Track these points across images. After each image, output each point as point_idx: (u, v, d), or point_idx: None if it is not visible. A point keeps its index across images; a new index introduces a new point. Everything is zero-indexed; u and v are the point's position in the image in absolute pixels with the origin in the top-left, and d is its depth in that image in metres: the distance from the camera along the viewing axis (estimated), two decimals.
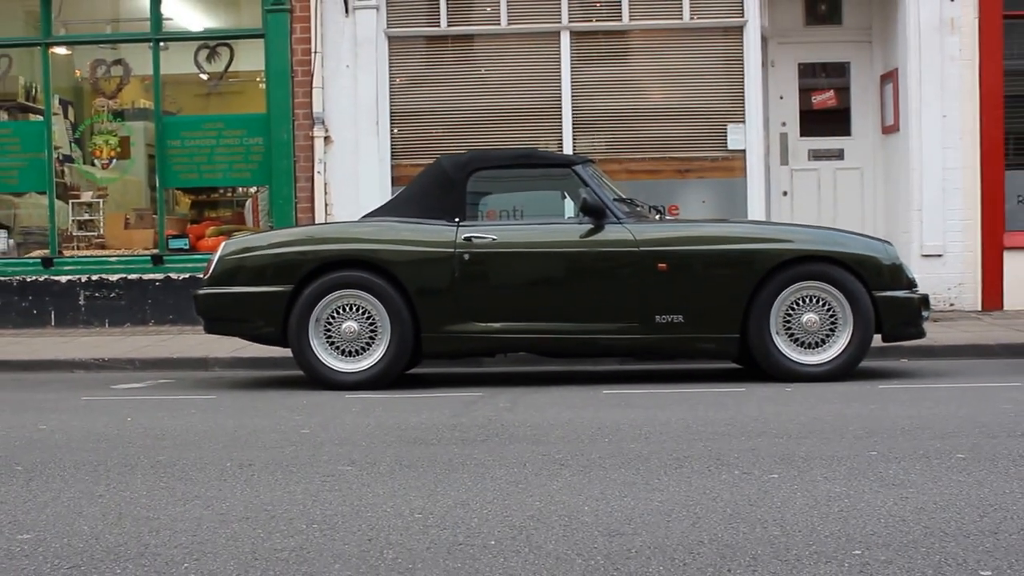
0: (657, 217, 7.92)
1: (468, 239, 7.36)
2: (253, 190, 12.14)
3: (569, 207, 9.01)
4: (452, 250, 7.34)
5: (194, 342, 9.90)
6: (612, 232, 7.33)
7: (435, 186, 7.63)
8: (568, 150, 11.09)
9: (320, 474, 4.50)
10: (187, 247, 11.60)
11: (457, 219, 7.45)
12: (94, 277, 11.36)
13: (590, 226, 7.37)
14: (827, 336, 7.23)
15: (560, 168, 7.76)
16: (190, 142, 11.48)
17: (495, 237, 7.38)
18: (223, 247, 7.65)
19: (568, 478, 4.33)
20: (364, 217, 7.96)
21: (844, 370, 7.20)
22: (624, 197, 7.80)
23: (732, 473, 4.33)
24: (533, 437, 5.28)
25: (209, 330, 7.71)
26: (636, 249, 7.27)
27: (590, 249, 7.35)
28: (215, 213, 12.70)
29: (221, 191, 12.68)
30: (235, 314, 7.53)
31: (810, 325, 7.21)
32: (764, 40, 11.28)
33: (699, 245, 7.31)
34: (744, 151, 11.07)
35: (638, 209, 7.81)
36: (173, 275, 11.31)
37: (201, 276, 7.82)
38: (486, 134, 11.23)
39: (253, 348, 9.13)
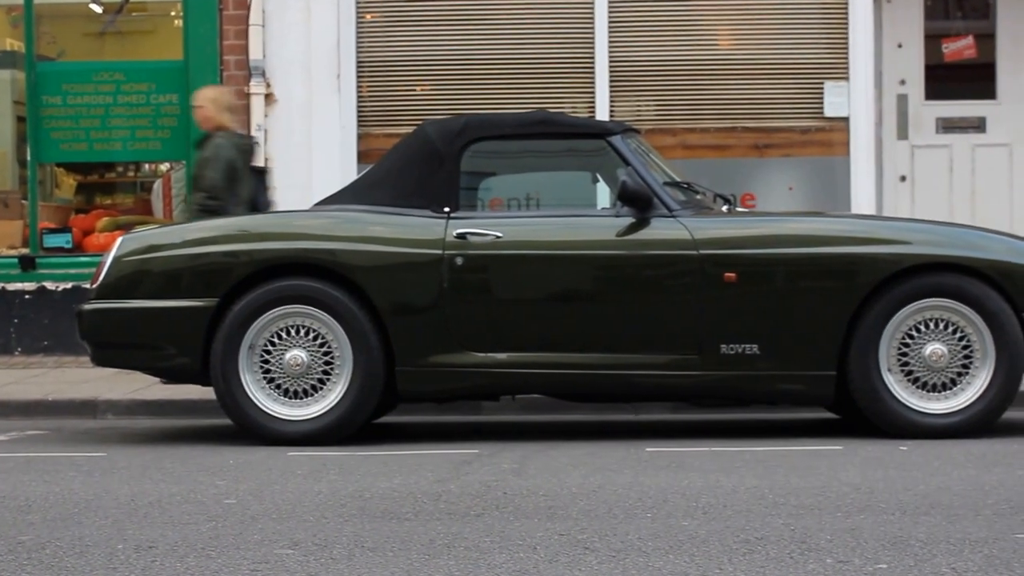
0: (724, 209, 7.95)
1: (462, 237, 7.39)
2: (165, 167, 12.17)
3: (603, 193, 9.03)
4: (440, 252, 7.38)
5: (78, 378, 9.92)
6: (662, 228, 7.36)
7: (417, 163, 7.67)
8: (603, 116, 11.10)
9: (249, 560, 4.51)
10: (70, 245, 11.62)
11: (447, 209, 7.49)
12: None
13: (631, 220, 7.40)
14: (959, 375, 7.24)
15: (590, 139, 7.80)
16: (76, 99, 11.50)
17: (499, 234, 7.42)
18: (119, 245, 7.68)
19: (594, 567, 4.32)
20: (318, 205, 8.01)
21: (982, 422, 7.21)
22: (679, 180, 7.83)
23: (823, 562, 4.33)
24: (548, 510, 5.29)
25: (98, 361, 7.74)
26: (695, 252, 7.29)
27: (631, 252, 7.38)
28: (111, 199, 12.73)
29: (120, 168, 12.71)
30: (135, 338, 7.56)
31: (935, 360, 7.22)
32: None
33: (782, 248, 7.33)
34: (847, 119, 11.08)
35: (698, 197, 7.84)
36: (49, 284, 11.33)
37: (88, 285, 7.85)
38: (489, 94, 11.28)
39: (161, 388, 9.13)
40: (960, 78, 11.68)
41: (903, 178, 11.53)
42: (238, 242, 7.56)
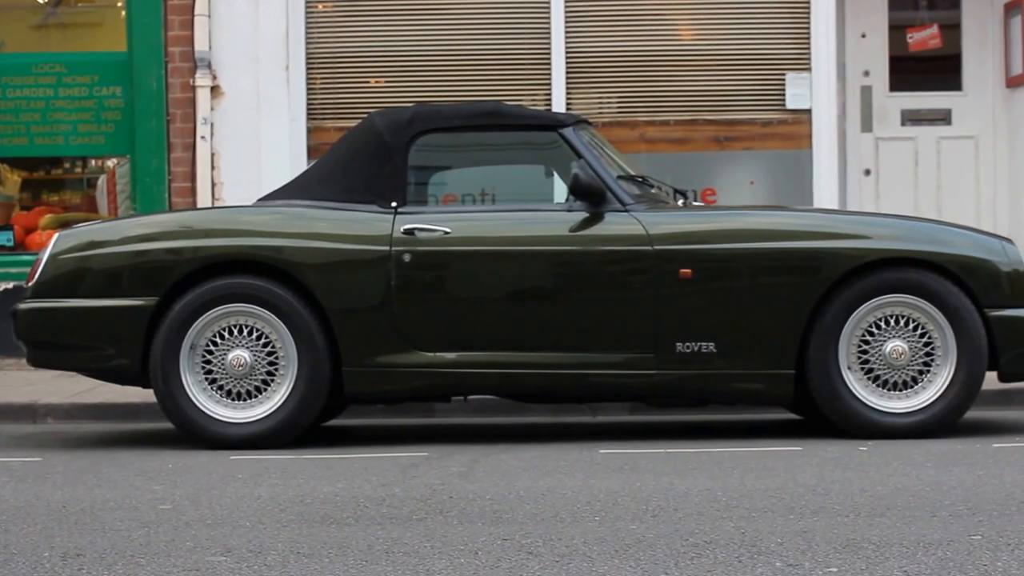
0: (680, 203, 7.92)
1: (410, 232, 7.35)
2: (112, 163, 12.10)
3: (560, 187, 9.01)
4: (387, 248, 7.33)
5: (19, 381, 9.86)
6: (615, 224, 7.33)
7: (364, 156, 7.62)
8: (560, 109, 11.07)
9: (179, 568, 4.46)
10: (11, 244, 11.55)
11: (395, 204, 7.45)
12: None
13: (584, 215, 7.37)
14: (920, 373, 7.24)
15: (542, 131, 7.75)
16: (16, 92, 11.42)
17: (448, 230, 7.38)
18: (55, 241, 7.61)
19: (536, 572, 4.30)
20: (262, 200, 7.95)
21: (943, 421, 7.21)
22: (632, 174, 7.80)
23: (772, 565, 4.32)
24: (493, 514, 5.27)
25: (34, 362, 7.67)
26: (649, 248, 7.26)
27: (583, 247, 7.35)
28: (57, 196, 12.64)
29: (67, 164, 12.62)
30: (72, 339, 7.48)
31: (896, 357, 7.21)
32: None
33: (738, 243, 7.32)
34: (809, 111, 11.07)
35: (653, 191, 7.81)
36: None
37: (25, 284, 7.77)
38: (443, 86, 11.23)
39: (104, 390, 9.07)
40: (925, 69, 11.71)
41: (867, 172, 11.55)
42: (179, 239, 7.50)
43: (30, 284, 7.56)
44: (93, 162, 12.49)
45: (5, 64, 11.59)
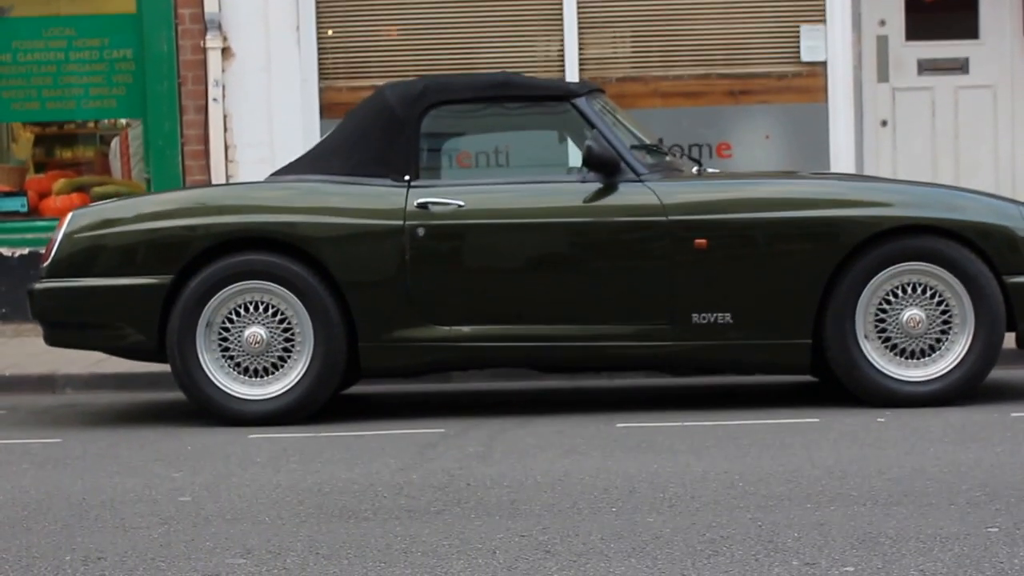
0: (695, 171, 7.91)
1: (423, 206, 7.36)
2: (124, 123, 12.10)
3: (575, 152, 9.01)
4: (401, 222, 7.35)
5: (36, 349, 9.85)
6: (630, 194, 7.34)
7: (375, 129, 7.62)
8: (572, 63, 11.04)
9: (199, 572, 4.51)
10: (25, 209, 11.57)
11: (408, 177, 7.46)
12: None
13: (598, 186, 7.37)
14: (938, 340, 7.25)
15: (554, 101, 7.75)
16: (27, 56, 11.41)
17: (462, 203, 7.39)
18: (70, 220, 7.62)
19: (554, 573, 4.34)
20: (274, 175, 7.96)
21: (961, 388, 7.23)
22: (647, 142, 7.80)
23: (789, 564, 4.35)
24: (511, 505, 5.30)
25: (52, 341, 7.73)
26: (664, 218, 7.27)
27: (598, 219, 7.37)
28: (71, 152, 12.65)
29: (78, 125, 12.63)
30: (89, 318, 7.53)
31: (913, 326, 7.22)
32: None
33: (753, 212, 7.32)
34: (825, 63, 11.02)
35: (667, 159, 7.81)
36: (5, 251, 11.25)
37: (40, 264, 7.79)
38: (454, 42, 11.22)
39: (123, 360, 9.11)
40: (942, 17, 11.60)
41: (884, 123, 11.49)
42: (194, 216, 7.52)
43: (45, 264, 7.59)
44: (107, 122, 12.50)
45: (16, 26, 11.57)
